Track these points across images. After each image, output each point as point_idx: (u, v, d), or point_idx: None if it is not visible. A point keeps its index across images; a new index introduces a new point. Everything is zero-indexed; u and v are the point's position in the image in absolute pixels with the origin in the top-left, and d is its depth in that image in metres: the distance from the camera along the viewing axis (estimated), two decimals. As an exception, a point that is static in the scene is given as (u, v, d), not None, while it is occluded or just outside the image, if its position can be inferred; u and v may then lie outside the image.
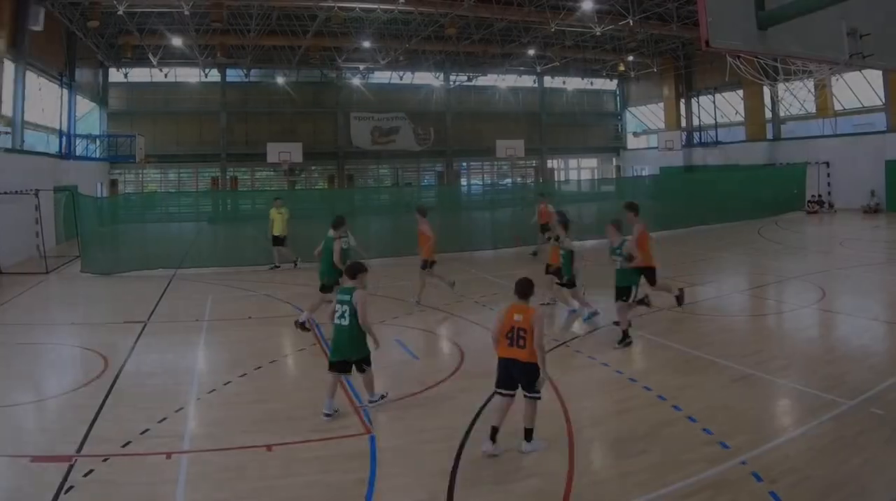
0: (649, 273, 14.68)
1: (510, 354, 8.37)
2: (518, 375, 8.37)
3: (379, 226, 30.80)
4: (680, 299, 15.34)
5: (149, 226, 31.79)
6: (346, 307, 9.62)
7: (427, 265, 17.43)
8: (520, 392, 8.44)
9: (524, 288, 8.84)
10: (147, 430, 9.29)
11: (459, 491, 7.50)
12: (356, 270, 10.08)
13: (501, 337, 8.51)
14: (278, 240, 24.47)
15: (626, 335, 13.18)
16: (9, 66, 30.58)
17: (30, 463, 8.26)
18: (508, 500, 7.37)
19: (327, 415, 9.58)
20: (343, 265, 12.60)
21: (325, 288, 14.79)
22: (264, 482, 7.83)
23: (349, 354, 9.69)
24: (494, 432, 8.31)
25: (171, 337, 15.08)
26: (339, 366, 9.75)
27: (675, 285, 15.99)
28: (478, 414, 9.52)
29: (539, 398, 8.41)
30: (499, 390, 8.57)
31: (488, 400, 9.85)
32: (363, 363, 9.79)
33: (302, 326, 14.62)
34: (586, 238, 31.20)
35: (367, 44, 48.66)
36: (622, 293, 13.51)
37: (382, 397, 10.09)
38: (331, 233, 15.02)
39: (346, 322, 9.58)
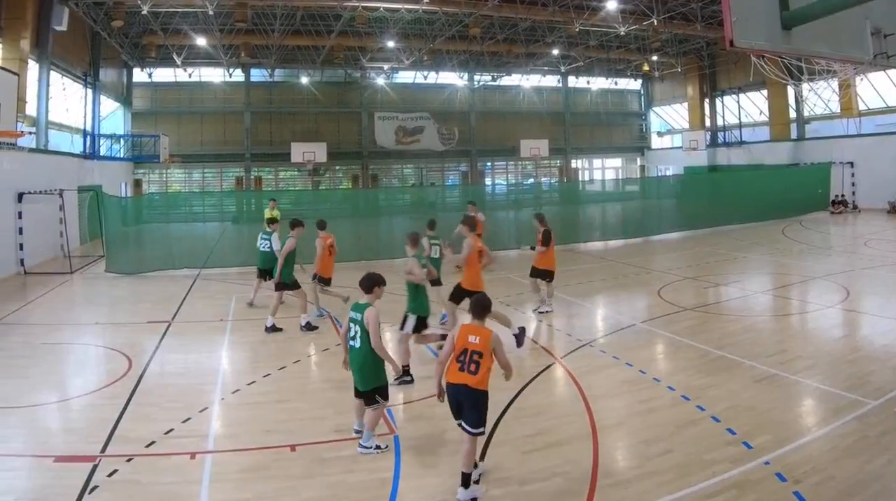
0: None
1: (460, 379, 7.51)
2: (466, 402, 7.52)
3: (403, 226, 30.87)
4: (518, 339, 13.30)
5: (173, 225, 31.97)
6: (357, 327, 8.49)
7: (318, 280, 16.78)
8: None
9: (480, 307, 7.96)
10: (171, 430, 9.34)
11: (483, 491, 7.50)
12: (373, 282, 8.78)
13: (452, 361, 7.68)
14: None
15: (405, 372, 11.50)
16: (33, 67, 30.69)
17: (54, 463, 8.29)
18: (532, 500, 7.36)
19: (357, 432, 8.85)
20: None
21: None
22: (288, 482, 7.85)
23: (359, 383, 8.60)
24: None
25: (195, 338, 15.11)
26: (360, 395, 8.71)
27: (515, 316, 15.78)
28: (502, 414, 9.53)
29: (482, 433, 7.63)
30: (457, 421, 7.71)
31: (513, 399, 9.93)
32: (376, 394, 8.55)
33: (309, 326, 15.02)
34: (610, 238, 31.30)
35: (391, 43, 48.58)
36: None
37: (378, 448, 8.58)
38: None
39: (357, 344, 8.50)
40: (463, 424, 7.53)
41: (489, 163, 65.20)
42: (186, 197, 49.83)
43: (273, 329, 14.93)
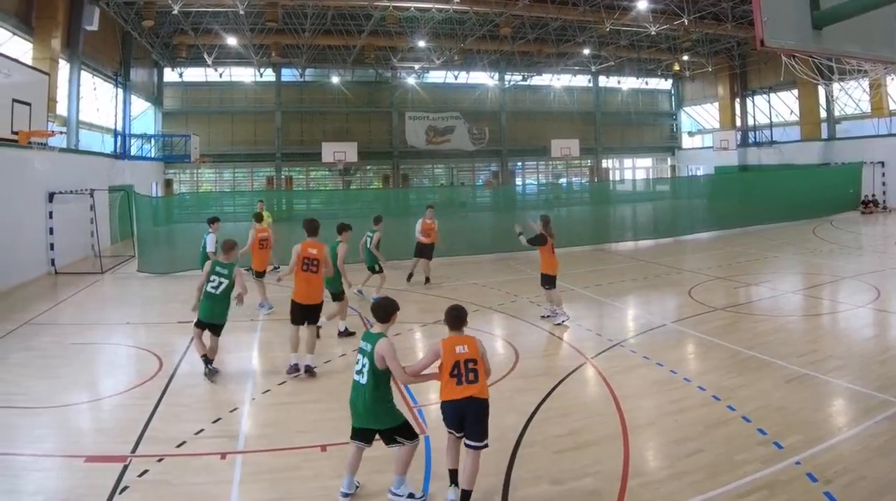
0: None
1: (463, 393, 7.24)
2: (471, 415, 7.26)
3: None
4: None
5: (204, 225, 32.28)
6: (366, 360, 7.55)
7: (254, 274, 17.69)
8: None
9: (457, 317, 7.66)
10: (202, 430, 9.40)
11: (514, 491, 7.56)
12: (391, 310, 7.98)
13: (445, 378, 7.35)
14: None
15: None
16: (64, 66, 30.95)
17: (84, 464, 8.35)
18: (563, 499, 7.39)
19: (346, 495, 7.53)
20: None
21: None
22: (318, 482, 7.90)
23: (370, 421, 7.56)
24: (454, 474, 7.48)
25: (226, 337, 14.93)
26: (361, 435, 7.66)
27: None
28: (533, 414, 9.55)
29: (487, 445, 7.31)
30: (454, 433, 7.46)
31: (544, 399, 9.96)
32: (395, 434, 7.51)
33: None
34: (640, 238, 31.24)
35: (421, 43, 48.57)
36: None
37: (411, 496, 7.45)
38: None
39: (363, 379, 7.55)
40: (467, 441, 7.28)
41: (520, 163, 65.10)
42: (217, 197, 49.91)
43: (347, 333, 14.75)
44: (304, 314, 12.25)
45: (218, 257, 12.33)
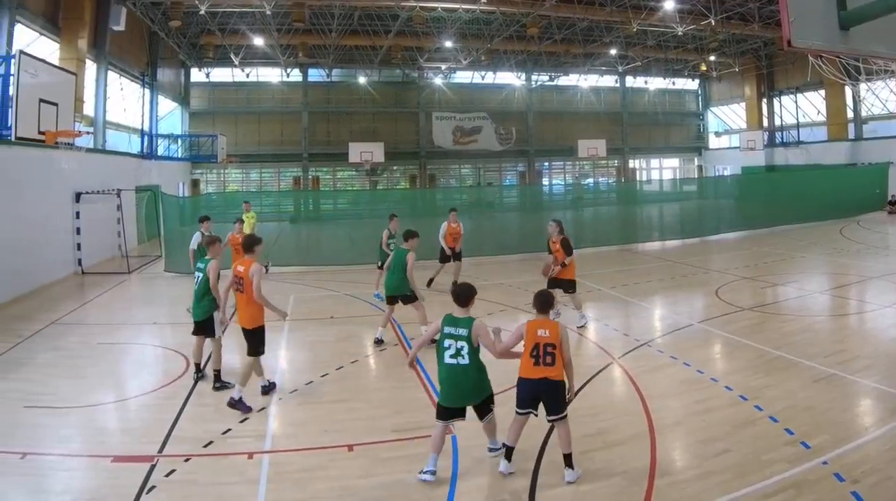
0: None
1: (539, 374, 7.68)
2: (546, 395, 7.74)
3: (463, 225, 31.29)
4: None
5: (231, 225, 32.44)
6: (462, 343, 7.88)
7: None
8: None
9: (545, 302, 8.19)
10: (229, 430, 9.45)
11: (541, 491, 7.56)
12: (472, 295, 8.29)
13: (525, 357, 7.82)
14: None
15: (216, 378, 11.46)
16: (90, 66, 31.05)
17: (111, 464, 8.39)
18: (590, 499, 7.39)
19: (432, 473, 7.83)
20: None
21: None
22: (345, 481, 7.91)
23: (472, 399, 8.07)
24: (510, 451, 7.97)
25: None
26: (453, 413, 8.09)
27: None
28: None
29: (566, 416, 7.82)
30: (519, 411, 7.90)
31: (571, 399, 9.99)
32: (490, 402, 8.17)
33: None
34: (667, 238, 31.20)
35: (448, 43, 48.58)
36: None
37: (504, 445, 8.05)
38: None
39: (465, 360, 7.86)
40: (549, 416, 7.81)
41: (546, 164, 65.06)
42: (244, 197, 50.29)
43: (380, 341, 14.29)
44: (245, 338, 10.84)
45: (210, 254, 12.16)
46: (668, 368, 11.95)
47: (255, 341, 10.63)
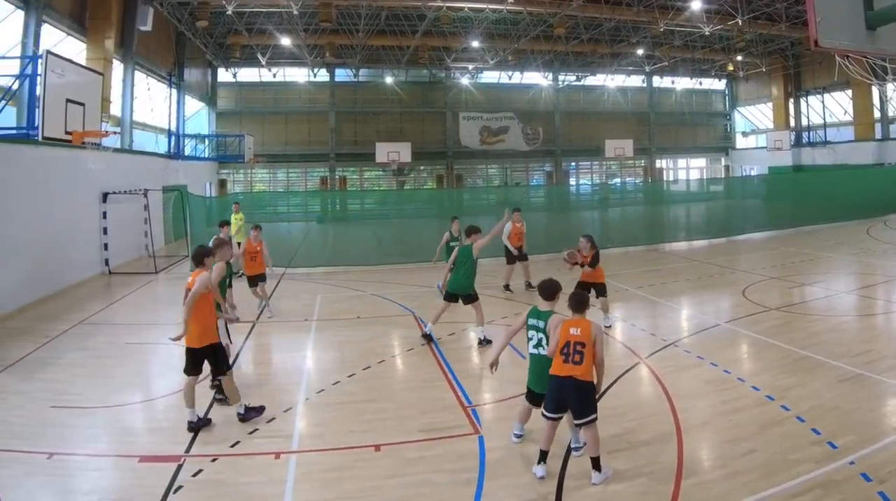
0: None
1: (565, 371, 7.72)
2: (570, 395, 7.72)
3: (488, 225, 31.34)
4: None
5: (263, 225, 32.68)
6: (541, 334, 8.36)
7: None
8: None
9: (580, 302, 8.26)
10: (256, 430, 9.47)
11: (568, 493, 7.55)
12: (557, 289, 8.70)
13: (556, 355, 7.87)
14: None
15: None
16: (117, 66, 31.23)
17: (138, 464, 8.42)
18: (617, 499, 7.38)
19: (518, 437, 8.76)
20: None
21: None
22: (372, 482, 7.91)
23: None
24: (544, 455, 7.92)
25: (280, 337, 15.29)
26: (539, 399, 8.37)
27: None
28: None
29: (595, 418, 7.77)
30: (546, 414, 7.92)
31: (598, 399, 9.94)
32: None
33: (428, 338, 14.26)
34: (694, 238, 31.10)
35: (475, 43, 48.64)
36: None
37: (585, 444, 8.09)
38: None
39: (544, 351, 8.27)
40: (575, 420, 7.81)
41: (573, 163, 65.03)
42: (271, 197, 50.55)
43: (486, 341, 13.92)
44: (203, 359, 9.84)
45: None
46: (694, 368, 11.90)
47: (215, 359, 9.79)
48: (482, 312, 14.08)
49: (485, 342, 13.72)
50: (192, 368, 9.70)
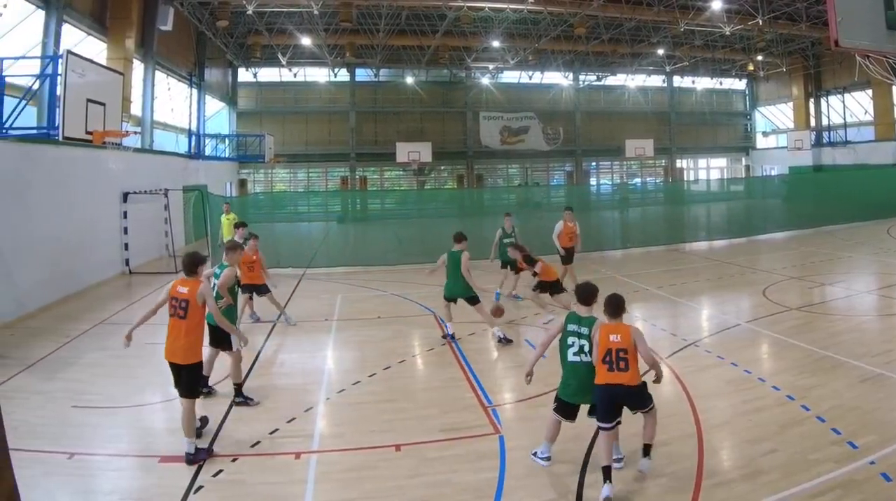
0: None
1: (613, 379, 7.54)
2: (624, 399, 7.64)
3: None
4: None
5: (278, 225, 32.33)
6: (584, 340, 7.98)
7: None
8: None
9: (615, 306, 7.98)
10: (276, 430, 9.50)
11: (589, 491, 7.56)
12: (595, 293, 8.38)
13: (599, 364, 7.66)
14: None
15: None
16: (138, 66, 31.25)
17: (159, 464, 8.47)
18: (638, 499, 7.41)
19: (545, 458, 8.16)
20: None
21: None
22: (393, 481, 7.93)
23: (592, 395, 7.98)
24: (607, 472, 7.41)
25: (301, 337, 15.27)
26: (570, 410, 8.15)
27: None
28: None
29: (653, 407, 7.78)
30: (602, 425, 7.62)
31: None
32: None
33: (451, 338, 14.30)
34: (715, 238, 31.06)
35: (496, 43, 48.59)
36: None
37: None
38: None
39: (587, 358, 7.93)
40: (634, 411, 7.75)
41: (594, 163, 65.01)
42: (291, 196, 50.46)
43: (505, 340, 13.96)
44: (175, 375, 9.05)
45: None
46: (715, 368, 11.90)
47: (192, 379, 8.98)
48: (487, 313, 14.17)
49: (504, 340, 13.73)
50: (177, 384, 8.97)
